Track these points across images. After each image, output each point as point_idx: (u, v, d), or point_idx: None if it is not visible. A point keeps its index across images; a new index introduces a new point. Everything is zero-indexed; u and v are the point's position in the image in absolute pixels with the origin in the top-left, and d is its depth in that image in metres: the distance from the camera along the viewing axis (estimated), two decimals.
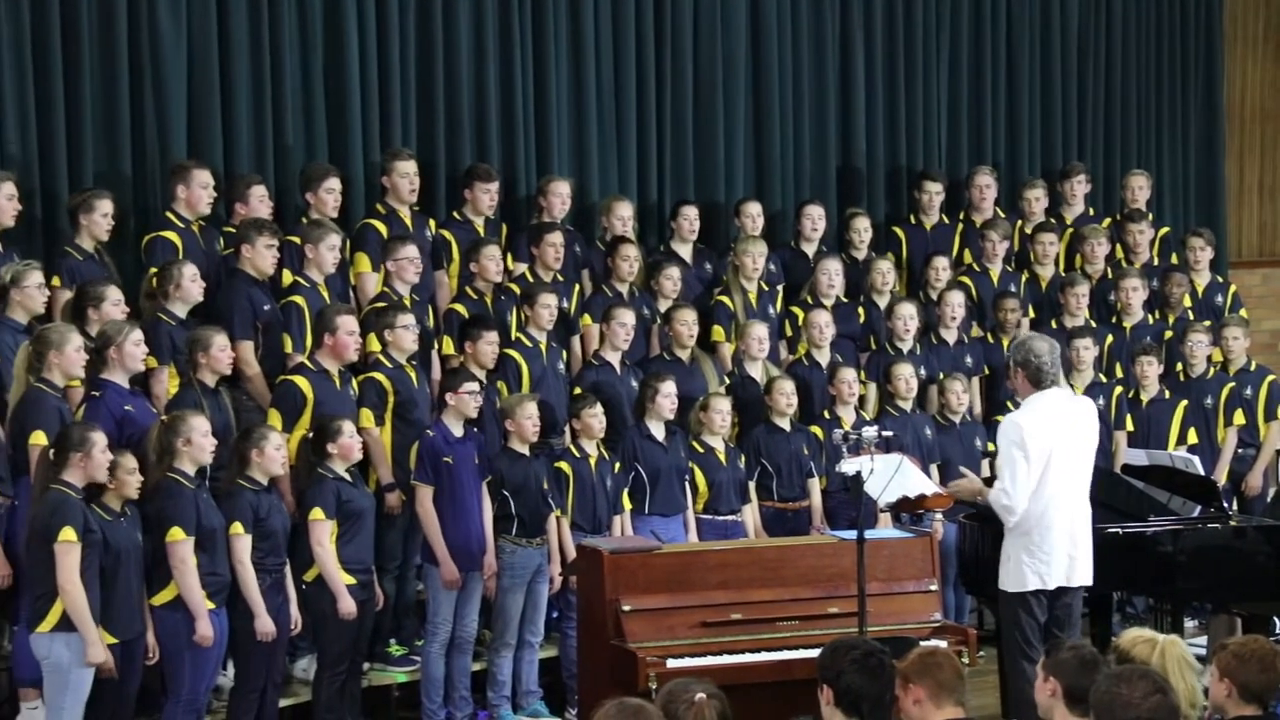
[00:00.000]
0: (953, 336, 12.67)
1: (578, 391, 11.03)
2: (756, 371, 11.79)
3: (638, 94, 12.87)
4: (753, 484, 11.36)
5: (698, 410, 11.18)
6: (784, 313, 12.54)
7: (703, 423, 11.15)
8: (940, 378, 12.20)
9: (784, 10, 13.51)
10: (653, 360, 11.67)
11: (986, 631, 11.09)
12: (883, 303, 12.64)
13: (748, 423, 11.63)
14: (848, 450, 9.03)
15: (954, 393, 11.97)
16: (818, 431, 11.61)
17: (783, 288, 12.67)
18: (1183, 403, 12.67)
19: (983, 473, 11.45)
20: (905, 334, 12.26)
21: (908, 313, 12.28)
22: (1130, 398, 12.64)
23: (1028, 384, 9.30)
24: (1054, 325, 12.78)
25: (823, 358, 12.07)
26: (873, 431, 9.02)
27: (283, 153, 11.34)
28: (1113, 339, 13.11)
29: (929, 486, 9.49)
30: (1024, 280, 13.35)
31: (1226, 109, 16.06)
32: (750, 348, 11.75)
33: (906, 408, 11.92)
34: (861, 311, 12.68)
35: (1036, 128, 14.84)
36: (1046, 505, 9.13)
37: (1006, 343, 12.68)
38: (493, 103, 12.13)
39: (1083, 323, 12.88)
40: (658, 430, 10.98)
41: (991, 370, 12.76)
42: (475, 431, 10.35)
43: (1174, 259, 14.10)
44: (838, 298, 12.53)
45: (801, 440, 11.53)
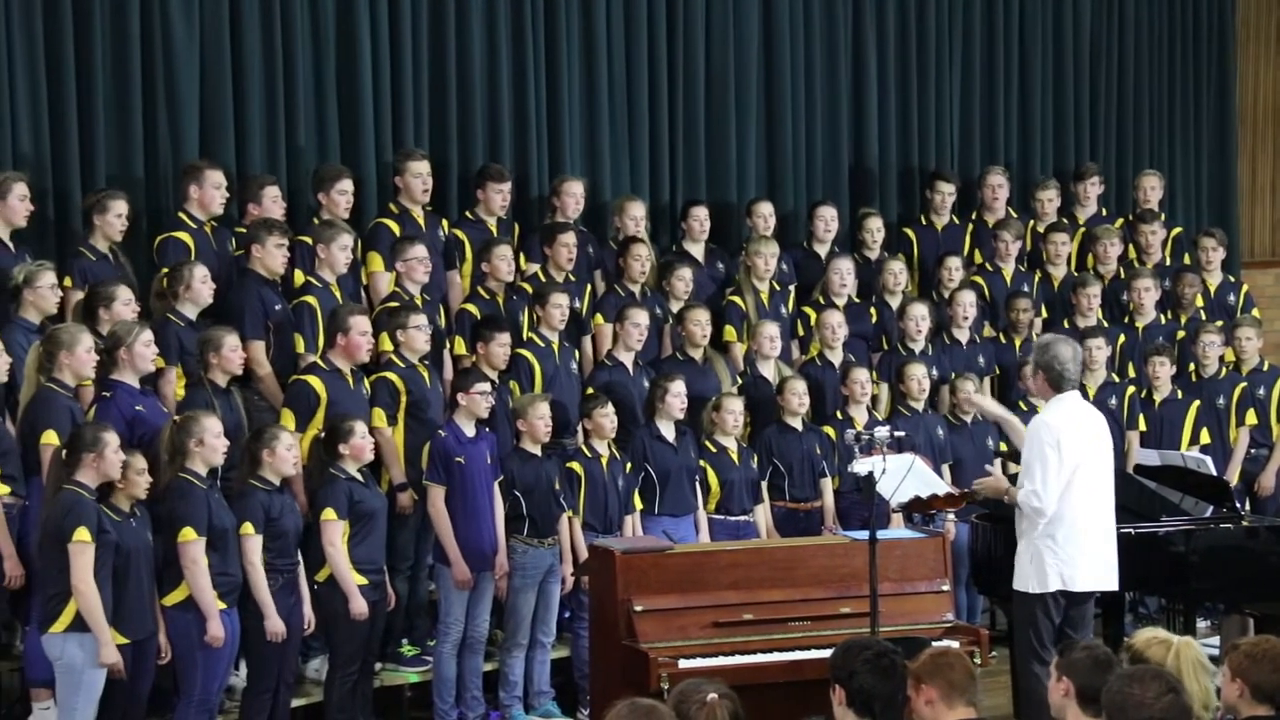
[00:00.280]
0: (965, 336, 12.65)
1: (589, 391, 11.03)
2: (768, 371, 11.79)
3: (650, 94, 12.88)
4: (765, 484, 11.35)
5: (710, 410, 11.17)
6: (796, 313, 12.53)
7: (715, 423, 11.14)
8: (952, 378, 12.19)
9: (796, 11, 13.50)
10: (665, 360, 11.67)
11: (998, 632, 11.10)
12: (895, 303, 12.64)
13: (759, 423, 11.64)
14: (860, 450, 9.01)
15: (965, 393, 11.96)
16: (830, 431, 11.59)
17: (795, 288, 12.67)
18: (1195, 403, 12.66)
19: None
20: (917, 334, 12.25)
21: (920, 313, 12.27)
22: (1143, 398, 12.63)
23: (1047, 387, 9.27)
24: (1066, 325, 12.76)
25: (835, 358, 12.07)
26: (885, 431, 9.01)
27: (295, 153, 11.34)
28: (1125, 339, 13.09)
29: (941, 487, 9.47)
30: (1036, 280, 13.34)
31: (1239, 110, 16.05)
32: (762, 347, 11.75)
33: (919, 408, 11.91)
34: (873, 312, 12.68)
35: (1049, 128, 14.83)
36: (1074, 507, 9.10)
37: (1019, 343, 12.71)
38: (505, 103, 12.13)
39: (1095, 323, 12.87)
40: (667, 430, 10.97)
41: (1003, 370, 12.75)
42: (487, 431, 10.35)
43: (1186, 259, 14.09)
44: (850, 298, 12.53)
45: (814, 440, 11.53)
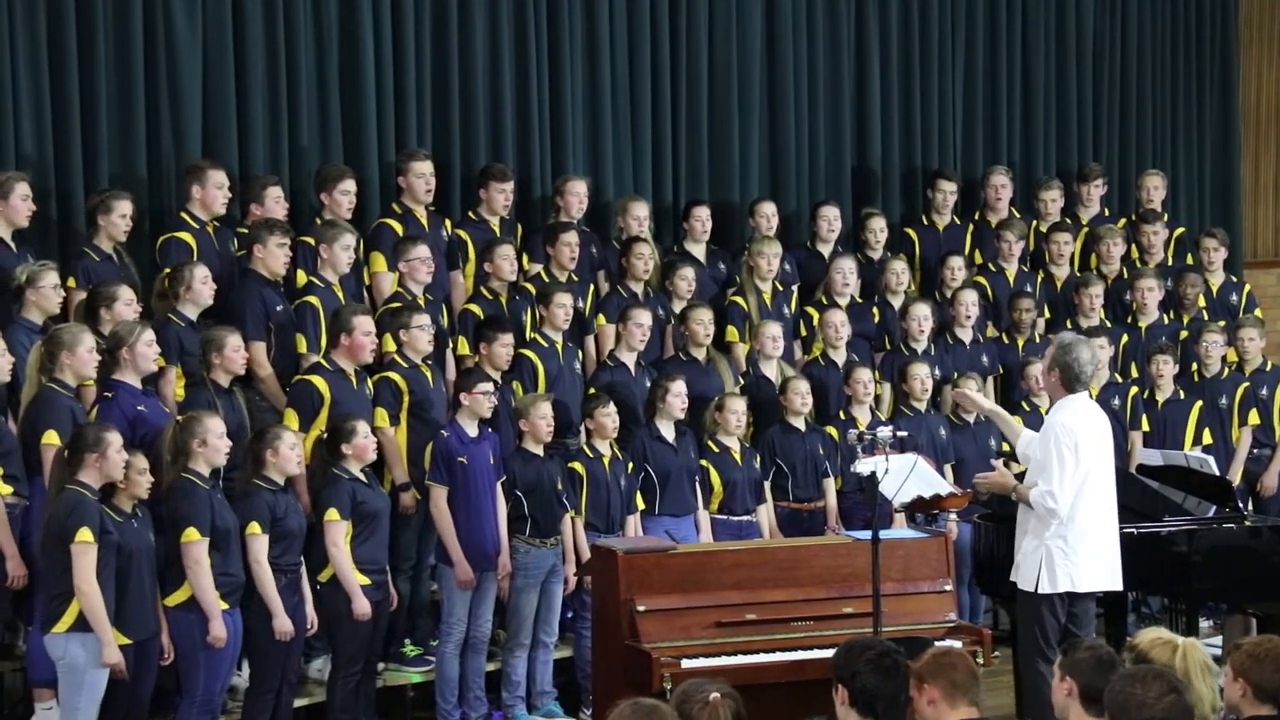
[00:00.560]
0: (968, 336, 12.65)
1: (591, 391, 11.02)
2: (771, 371, 11.78)
3: (653, 94, 12.88)
4: (768, 484, 11.35)
5: (713, 410, 11.17)
6: (799, 313, 12.53)
7: (718, 423, 11.14)
8: (955, 378, 12.18)
9: (799, 10, 13.51)
10: (668, 361, 11.67)
11: (1001, 631, 11.10)
12: (897, 303, 12.64)
13: (762, 423, 11.63)
14: (863, 450, 9.01)
15: (959, 389, 11.90)
16: (833, 432, 11.60)
17: (798, 288, 12.67)
18: (1198, 403, 12.66)
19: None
20: (920, 334, 12.25)
21: (922, 313, 12.27)
22: (1145, 398, 12.63)
23: (1059, 386, 9.26)
24: (1069, 325, 12.76)
25: (838, 358, 12.07)
26: (888, 431, 9.02)
27: (298, 153, 11.34)
28: (1128, 339, 13.09)
29: (944, 486, 9.47)
30: (1039, 280, 13.34)
31: (1242, 110, 16.06)
32: (765, 347, 11.75)
33: (921, 408, 11.91)
34: (876, 311, 12.68)
35: (1052, 128, 14.83)
36: (1085, 508, 9.11)
37: (1021, 343, 12.70)
38: (508, 103, 12.14)
39: (1097, 323, 12.87)
40: (667, 431, 10.97)
41: (1006, 370, 12.74)
42: (490, 432, 10.35)
43: (1189, 259, 14.09)
44: (852, 298, 12.53)
45: (817, 440, 11.52)
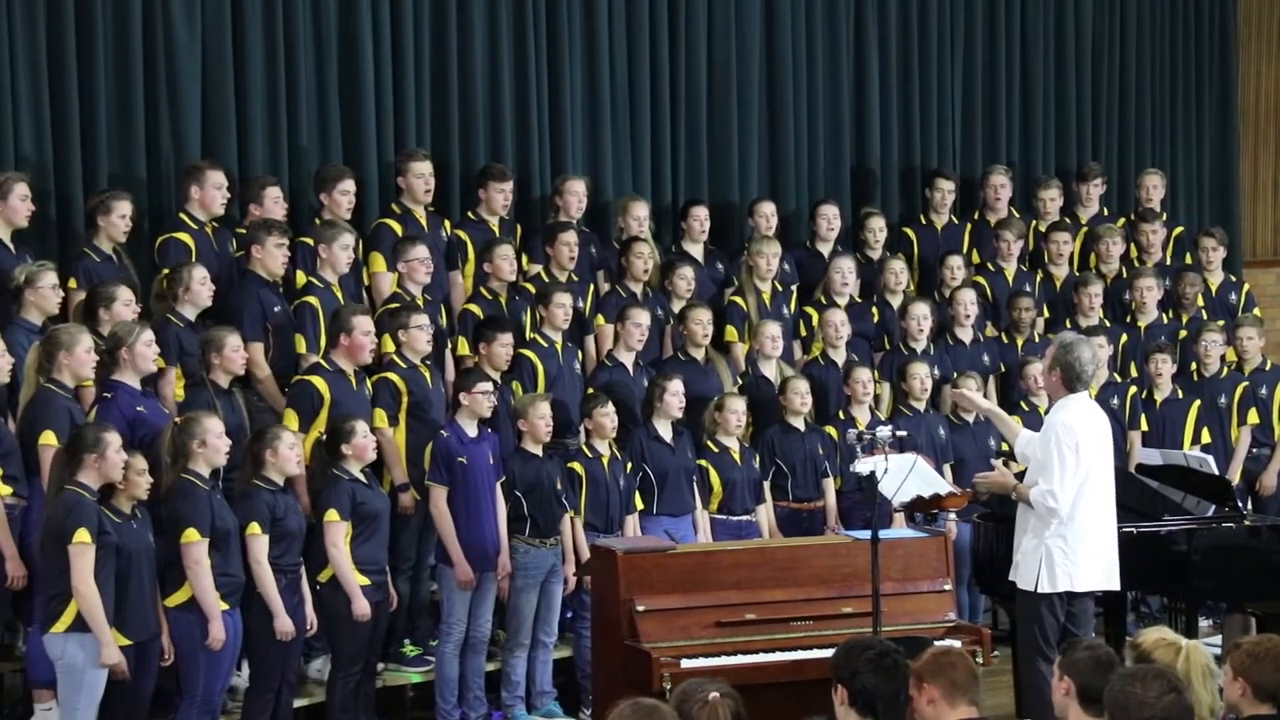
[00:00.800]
0: (967, 336, 12.65)
1: (590, 391, 11.02)
2: (770, 371, 11.78)
3: (652, 94, 12.87)
4: (767, 484, 11.35)
5: (712, 410, 11.16)
6: (798, 313, 12.53)
7: (718, 423, 11.14)
8: (955, 377, 12.17)
9: (798, 10, 13.51)
10: (667, 361, 11.66)
11: (1001, 631, 11.09)
12: (896, 302, 12.63)
13: (762, 423, 11.63)
14: (862, 450, 9.01)
15: (956, 389, 11.90)
16: (832, 431, 11.59)
17: (797, 288, 12.66)
18: (1197, 402, 12.66)
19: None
20: (919, 334, 12.25)
21: (921, 312, 12.27)
22: (1144, 397, 12.63)
23: (1060, 385, 9.25)
24: (1068, 325, 12.76)
25: (838, 357, 12.06)
26: (887, 431, 9.02)
27: (297, 153, 11.34)
28: (1127, 338, 13.09)
29: (943, 486, 9.47)
30: (1038, 280, 13.34)
31: (1241, 109, 16.06)
32: (764, 347, 11.75)
33: (921, 407, 11.91)
34: (876, 311, 12.68)
35: (1051, 127, 14.84)
36: (1085, 508, 9.11)
37: (1021, 342, 12.70)
38: (507, 103, 12.14)
39: (1096, 322, 12.87)
40: (665, 431, 10.96)
41: (1006, 369, 12.74)
42: (489, 432, 10.35)
43: (1187, 258, 14.09)
44: (852, 297, 12.53)
45: (816, 440, 11.52)
